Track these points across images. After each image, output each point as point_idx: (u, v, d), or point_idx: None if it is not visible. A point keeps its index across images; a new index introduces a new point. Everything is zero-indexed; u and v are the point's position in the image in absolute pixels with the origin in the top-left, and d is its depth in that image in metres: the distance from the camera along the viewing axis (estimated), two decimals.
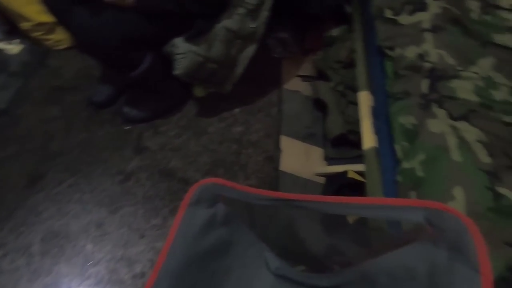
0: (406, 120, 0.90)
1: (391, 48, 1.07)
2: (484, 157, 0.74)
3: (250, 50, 1.12)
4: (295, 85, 1.62)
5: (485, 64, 0.98)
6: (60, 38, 1.50)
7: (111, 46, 0.86)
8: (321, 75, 1.58)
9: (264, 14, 1.05)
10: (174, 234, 0.64)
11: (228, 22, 0.99)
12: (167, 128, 1.28)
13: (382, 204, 0.60)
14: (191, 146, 1.27)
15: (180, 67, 1.00)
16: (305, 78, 1.65)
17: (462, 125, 0.82)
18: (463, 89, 0.92)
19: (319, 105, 1.54)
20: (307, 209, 0.69)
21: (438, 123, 0.83)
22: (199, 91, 1.29)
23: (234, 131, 1.35)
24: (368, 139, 0.92)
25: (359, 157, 1.35)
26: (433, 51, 0.99)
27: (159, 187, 1.16)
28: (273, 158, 1.35)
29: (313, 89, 1.50)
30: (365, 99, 1.02)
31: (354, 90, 1.34)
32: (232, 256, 0.78)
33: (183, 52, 0.98)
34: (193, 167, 1.22)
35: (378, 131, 0.96)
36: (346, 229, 0.77)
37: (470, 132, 0.81)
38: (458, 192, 0.69)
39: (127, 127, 1.24)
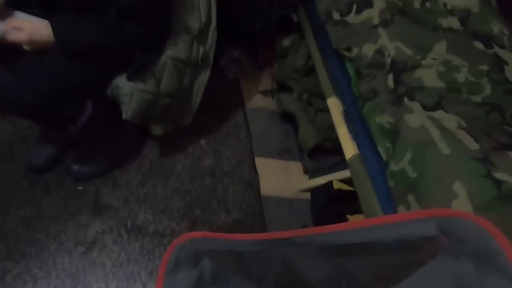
0: (382, 119, 0.85)
1: (348, 49, 1.04)
2: (471, 143, 0.71)
3: (204, 77, 1.03)
4: (258, 102, 1.55)
5: (440, 49, 0.98)
6: None
7: (39, 104, 0.72)
8: (282, 87, 1.53)
9: (213, 35, 0.97)
10: None
11: (174, 51, 0.90)
12: (128, 178, 1.13)
13: (386, 222, 0.52)
14: (158, 192, 1.12)
15: (128, 110, 0.88)
16: (266, 93, 1.59)
17: (439, 115, 0.79)
18: (428, 77, 0.90)
19: (287, 117, 1.48)
20: (304, 245, 0.60)
21: (415, 117, 0.79)
22: (156, 130, 1.17)
23: (204, 164, 1.23)
24: (349, 148, 0.86)
25: (339, 164, 1.29)
26: (389, 45, 0.97)
27: (130, 248, 0.99)
28: (252, 184, 1.25)
29: (277, 103, 1.44)
30: (334, 105, 0.97)
31: (319, 96, 1.30)
32: None
33: (129, 93, 0.86)
34: (165, 215, 1.08)
35: (356, 135, 0.91)
36: (352, 254, 0.68)
37: (449, 120, 0.77)
38: (458, 188, 0.64)
39: (80, 187, 1.07)
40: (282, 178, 1.31)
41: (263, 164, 1.33)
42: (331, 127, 1.27)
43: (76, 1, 0.75)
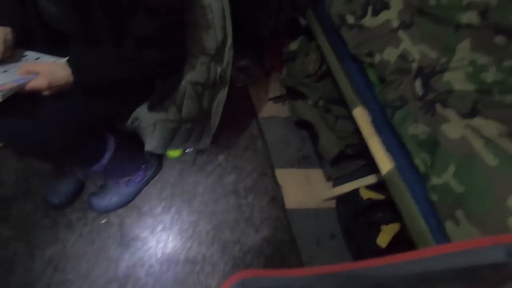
0: (417, 129, 0.83)
1: (369, 55, 1.01)
2: None
3: (222, 95, 0.99)
4: (270, 111, 1.52)
5: (464, 48, 0.95)
6: None
7: (64, 148, 0.67)
8: (292, 92, 1.49)
9: (229, 54, 0.93)
10: None
11: (193, 75, 0.85)
12: (151, 206, 1.10)
13: (452, 251, 0.50)
14: (184, 217, 1.09)
15: (152, 141, 0.84)
16: (277, 99, 1.55)
17: (477, 122, 0.76)
18: (457, 80, 0.87)
19: (301, 124, 1.45)
20: (356, 278, 0.58)
21: (453, 126, 0.77)
22: (173, 153, 1.13)
23: (226, 182, 1.20)
24: (384, 162, 0.84)
25: (363, 168, 1.27)
26: (412, 49, 0.94)
27: (163, 280, 0.97)
28: (276, 197, 1.23)
29: (292, 111, 1.41)
30: (362, 116, 0.93)
31: (337, 103, 1.27)
32: None
33: (151, 124, 0.82)
34: (194, 241, 1.05)
35: (388, 147, 0.88)
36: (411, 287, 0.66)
37: (488, 128, 0.75)
38: None
39: (103, 221, 1.03)
40: (305, 188, 1.29)
41: (284, 175, 1.30)
42: (352, 134, 1.25)
43: (88, 34, 0.70)
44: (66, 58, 0.68)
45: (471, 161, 0.70)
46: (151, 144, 0.84)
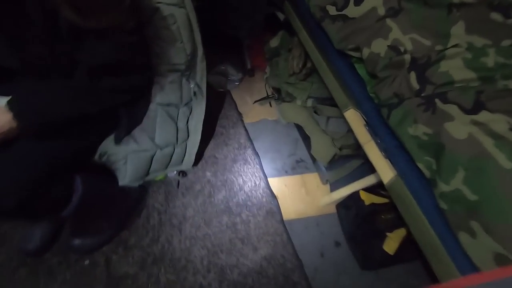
0: (417, 130, 0.75)
1: (356, 49, 0.91)
2: None
3: (200, 112, 0.90)
4: (257, 114, 1.42)
5: (459, 31, 0.86)
6: None
7: (16, 205, 0.58)
8: (278, 91, 1.40)
9: (202, 65, 0.83)
10: None
11: (164, 97, 0.76)
12: (138, 237, 1.01)
13: None
14: (175, 245, 1.01)
15: (125, 176, 0.75)
16: (263, 101, 1.46)
17: (483, 117, 0.68)
18: (455, 68, 0.79)
19: (291, 124, 1.37)
20: None
21: (458, 124, 0.69)
22: (157, 176, 1.03)
23: (216, 200, 1.12)
24: (384, 169, 0.76)
25: (360, 168, 1.20)
26: (403, 38, 0.85)
27: None
28: (272, 210, 1.15)
29: (280, 114, 1.31)
30: (354, 119, 0.85)
31: (327, 102, 1.19)
32: None
33: (122, 158, 0.72)
34: (189, 271, 0.97)
35: (388, 151, 0.80)
36: None
37: (497, 122, 0.67)
38: None
39: (87, 261, 0.94)
40: (302, 196, 1.21)
41: (278, 185, 1.22)
42: (347, 133, 1.16)
43: (30, 68, 0.59)
44: (7, 99, 0.58)
45: (482, 163, 0.62)
46: (124, 178, 0.75)
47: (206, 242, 1.03)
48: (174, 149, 0.86)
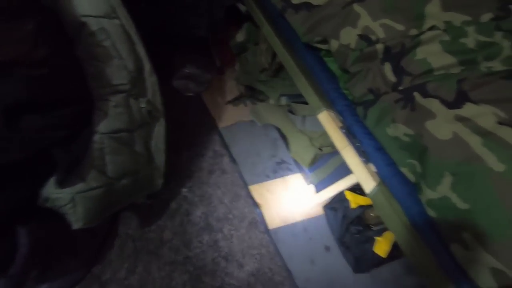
0: (396, 131, 0.67)
1: (324, 41, 0.82)
2: None
3: (159, 130, 0.81)
4: (231, 116, 1.33)
5: (434, 10, 0.78)
6: None
7: None
8: (251, 89, 1.30)
9: (152, 80, 0.73)
10: None
11: (109, 124, 0.66)
12: (113, 270, 0.93)
13: None
14: (154, 273, 0.94)
15: (77, 219, 0.66)
16: (236, 101, 1.36)
17: (468, 111, 0.61)
18: (433, 54, 0.71)
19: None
20: None
21: (440, 122, 0.61)
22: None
23: (195, 218, 1.04)
24: (366, 180, 0.68)
25: (343, 166, 1.13)
26: (373, 25, 0.76)
27: None
28: (256, 220, 1.08)
29: (255, 116, 1.22)
30: (329, 122, 0.77)
31: (301, 99, 1.10)
32: None
33: (68, 200, 0.63)
34: None
35: (367, 156, 0.72)
36: None
37: (483, 116, 0.60)
38: None
39: None
40: (286, 200, 1.14)
41: (260, 191, 1.15)
42: (325, 132, 1.08)
43: None
44: None
45: (470, 168, 0.55)
46: (77, 221, 0.67)
47: (187, 265, 0.96)
48: (136, 176, 0.77)
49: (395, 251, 0.93)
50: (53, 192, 0.62)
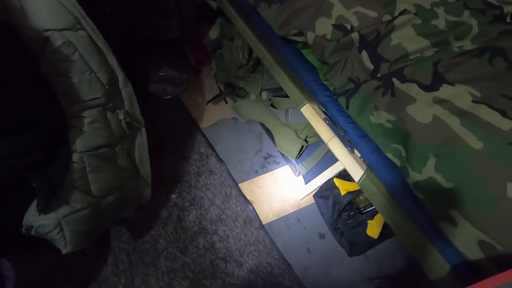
0: (379, 118, 0.68)
1: (300, 34, 0.81)
2: (501, 122, 0.57)
3: (141, 141, 0.78)
4: (213, 116, 1.31)
5: None
6: None
7: None
8: (230, 85, 1.29)
9: (127, 90, 0.70)
10: None
11: (86, 141, 0.63)
12: (110, 287, 0.91)
13: None
14: (153, 285, 0.93)
15: (65, 244, 0.63)
16: (216, 99, 1.34)
17: (445, 93, 0.63)
18: (407, 39, 0.72)
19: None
20: None
21: (420, 106, 0.63)
22: None
23: (188, 223, 1.03)
24: (354, 169, 0.69)
25: (329, 153, 1.15)
26: (347, 13, 0.76)
27: None
28: (249, 217, 1.08)
29: (237, 113, 1.21)
30: (312, 114, 0.77)
31: (282, 93, 1.09)
32: None
33: (53, 226, 0.60)
34: None
35: (353, 144, 0.73)
36: None
37: (460, 96, 0.62)
38: None
39: None
40: (277, 194, 1.15)
41: (251, 188, 1.15)
42: (308, 124, 1.09)
43: None
44: None
45: (451, 148, 0.57)
46: (66, 246, 0.64)
47: (186, 272, 0.95)
48: (122, 191, 0.75)
49: (387, 230, 0.96)
50: (36, 220, 0.59)
